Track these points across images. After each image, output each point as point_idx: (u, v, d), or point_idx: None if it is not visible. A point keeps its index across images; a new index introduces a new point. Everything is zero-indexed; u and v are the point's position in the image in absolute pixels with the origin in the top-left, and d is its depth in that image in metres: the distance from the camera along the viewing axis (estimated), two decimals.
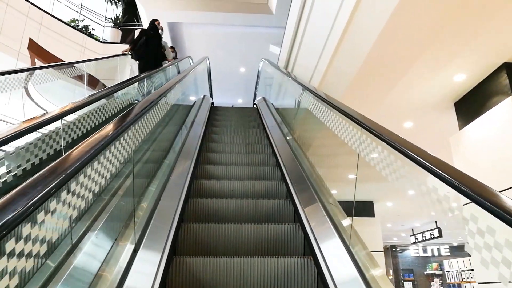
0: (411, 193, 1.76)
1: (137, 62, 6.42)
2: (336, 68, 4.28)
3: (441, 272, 22.31)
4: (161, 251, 2.14)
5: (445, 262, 21.50)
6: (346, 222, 2.39)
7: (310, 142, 4.73)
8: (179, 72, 6.83)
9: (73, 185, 1.30)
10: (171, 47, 8.59)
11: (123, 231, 2.08)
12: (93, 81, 8.05)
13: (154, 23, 6.47)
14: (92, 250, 1.74)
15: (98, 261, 1.73)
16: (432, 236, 13.86)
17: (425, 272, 23.37)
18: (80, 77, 7.90)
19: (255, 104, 8.87)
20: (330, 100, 2.77)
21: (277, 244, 2.72)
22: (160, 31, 6.83)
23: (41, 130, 2.06)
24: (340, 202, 2.93)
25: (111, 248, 1.90)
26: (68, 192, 1.26)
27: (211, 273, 2.27)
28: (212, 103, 8.70)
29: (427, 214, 13.04)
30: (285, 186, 3.55)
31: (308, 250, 2.52)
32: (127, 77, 6.51)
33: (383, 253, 11.38)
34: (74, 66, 7.06)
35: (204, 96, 8.05)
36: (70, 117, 2.54)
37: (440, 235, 13.49)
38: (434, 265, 22.87)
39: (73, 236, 1.50)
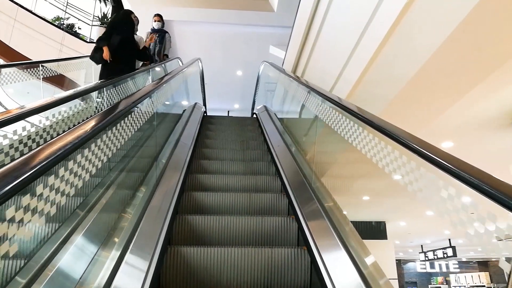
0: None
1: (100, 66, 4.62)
2: (375, 77, 3.08)
3: (446, 286, 21.20)
4: None
5: (452, 276, 20.41)
6: None
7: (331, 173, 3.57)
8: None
9: None
10: (157, 15, 6.87)
11: None
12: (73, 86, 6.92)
13: (129, 16, 4.87)
14: None
15: None
16: (446, 255, 12.70)
17: (430, 286, 22.26)
18: (56, 80, 6.76)
19: (254, 113, 7.68)
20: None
21: None
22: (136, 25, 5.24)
23: None
24: None
25: None
26: None
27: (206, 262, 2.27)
28: (205, 112, 7.49)
29: (441, 232, 11.93)
30: (309, 256, 2.34)
31: None
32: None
33: (397, 280, 10.21)
34: (44, 67, 5.99)
35: (195, 104, 6.83)
36: None
37: (455, 255, 12.34)
38: (439, 278, 21.76)
39: None
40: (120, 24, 4.76)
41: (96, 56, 4.47)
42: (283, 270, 2.29)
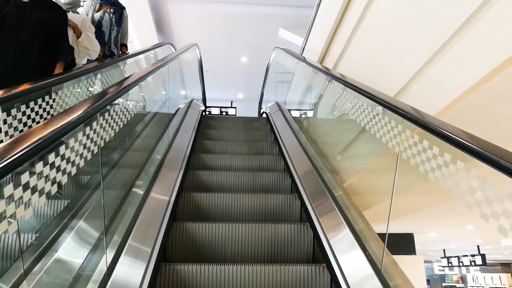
0: None
1: None
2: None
3: (462, 285, 20.02)
4: None
5: (469, 276, 19.17)
6: None
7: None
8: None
9: None
10: None
11: None
12: None
13: None
14: None
15: None
16: (473, 263, 11.44)
17: (444, 284, 21.12)
18: None
19: (264, 113, 6.28)
20: None
21: None
22: None
23: None
24: None
25: None
26: None
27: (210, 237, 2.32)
28: (203, 111, 6.11)
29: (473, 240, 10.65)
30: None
31: None
32: None
33: None
34: None
35: (191, 102, 5.44)
36: None
37: (484, 263, 11.07)
38: (455, 277, 20.56)
39: None
40: None
41: None
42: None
